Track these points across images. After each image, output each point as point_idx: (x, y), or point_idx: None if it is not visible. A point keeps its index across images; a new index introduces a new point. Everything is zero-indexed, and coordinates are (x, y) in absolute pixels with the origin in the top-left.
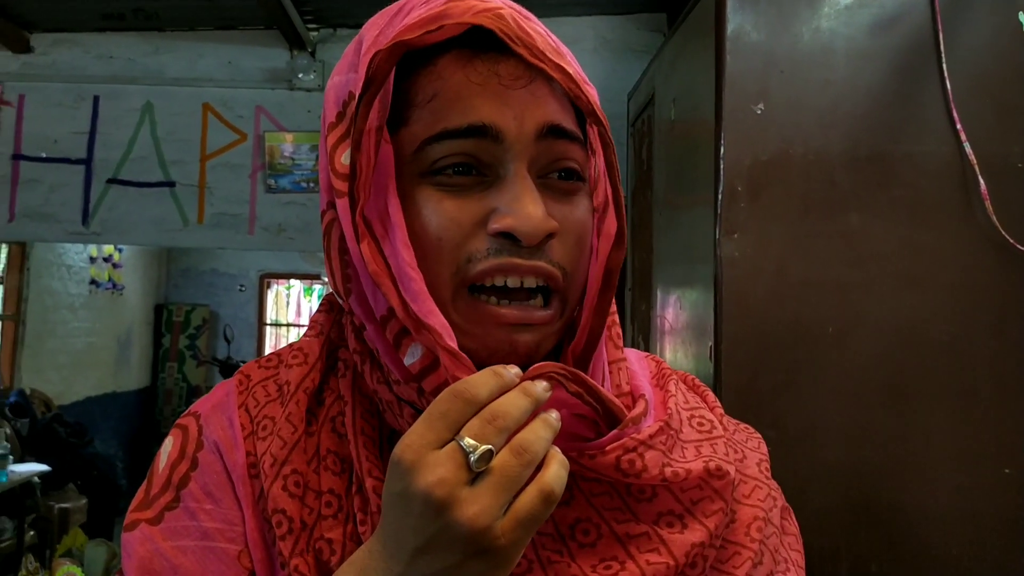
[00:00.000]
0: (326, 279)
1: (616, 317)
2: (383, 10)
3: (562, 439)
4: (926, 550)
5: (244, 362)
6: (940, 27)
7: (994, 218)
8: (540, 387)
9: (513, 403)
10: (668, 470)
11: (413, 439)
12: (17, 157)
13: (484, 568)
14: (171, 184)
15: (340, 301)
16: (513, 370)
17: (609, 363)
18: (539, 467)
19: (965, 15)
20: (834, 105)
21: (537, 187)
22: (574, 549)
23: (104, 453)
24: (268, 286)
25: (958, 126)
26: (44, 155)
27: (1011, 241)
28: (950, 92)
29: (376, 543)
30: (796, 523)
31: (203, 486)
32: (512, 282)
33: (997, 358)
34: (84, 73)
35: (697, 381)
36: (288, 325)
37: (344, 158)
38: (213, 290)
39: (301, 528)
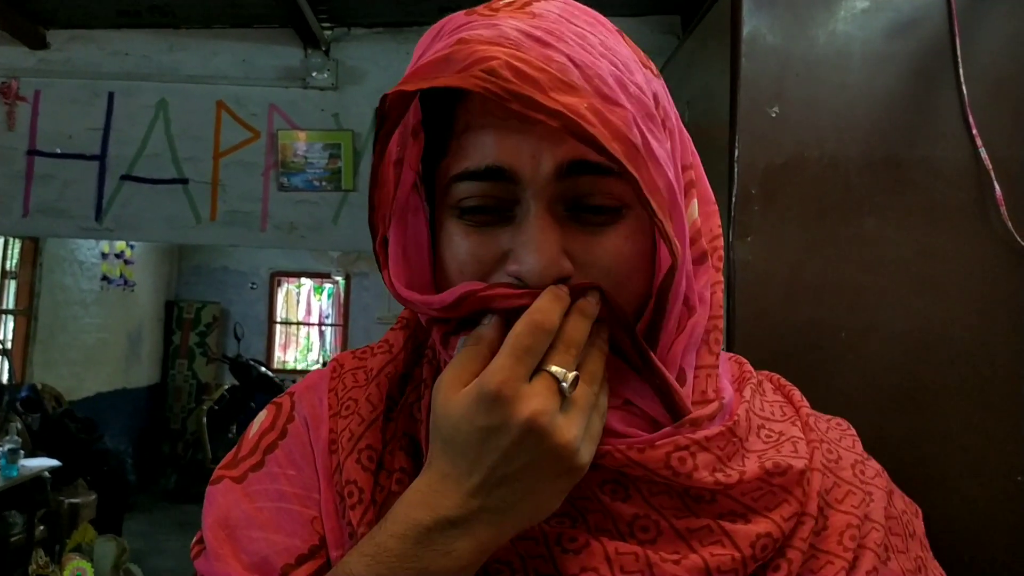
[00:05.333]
0: (336, 278)
1: (719, 322)
2: (430, 29)
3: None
4: (938, 557)
5: (254, 359)
6: (957, 32)
7: (1009, 223)
8: (593, 303)
9: (578, 328)
10: (720, 474)
11: (507, 374)
12: (32, 153)
13: (565, 484)
14: (184, 181)
15: None
16: (565, 290)
17: (697, 368)
18: None
19: (982, 20)
20: (849, 109)
21: (565, 222)
22: (633, 544)
23: (114, 449)
24: (278, 284)
25: (974, 131)
26: (59, 151)
27: None
28: (966, 97)
29: (440, 482)
30: (903, 501)
31: (288, 453)
32: None
33: (1011, 364)
34: (99, 70)
35: (783, 381)
36: (298, 323)
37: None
38: (224, 288)
39: (371, 502)
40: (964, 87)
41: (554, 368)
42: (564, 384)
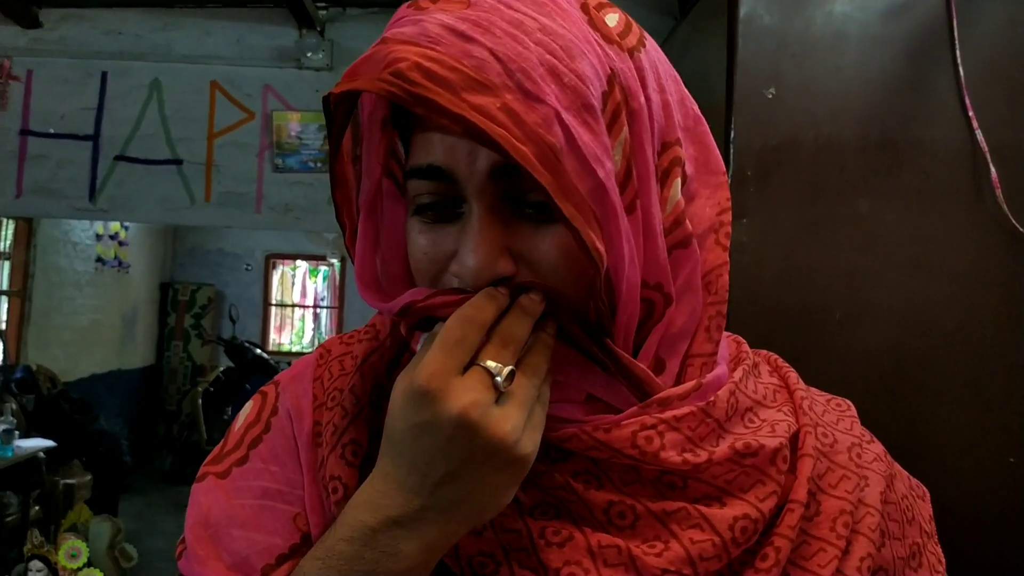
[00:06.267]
0: (331, 260)
1: (722, 308)
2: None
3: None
4: None
5: (249, 342)
6: (954, 13)
7: (1004, 206)
8: (535, 300)
9: (518, 324)
10: (689, 455)
11: (435, 367)
12: (25, 132)
13: (510, 478)
14: (178, 162)
15: None
16: (502, 291)
17: (692, 356)
18: None
19: (979, 2)
20: (845, 90)
21: (511, 219)
22: (614, 534)
23: (109, 430)
24: (273, 266)
25: (970, 113)
26: (52, 131)
27: (1021, 229)
28: (963, 79)
29: (383, 482)
30: (907, 484)
31: (272, 449)
32: None
33: (1005, 346)
34: (92, 49)
35: (780, 362)
36: (293, 306)
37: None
38: (219, 270)
39: None
40: (960, 69)
41: (488, 363)
42: (499, 379)
